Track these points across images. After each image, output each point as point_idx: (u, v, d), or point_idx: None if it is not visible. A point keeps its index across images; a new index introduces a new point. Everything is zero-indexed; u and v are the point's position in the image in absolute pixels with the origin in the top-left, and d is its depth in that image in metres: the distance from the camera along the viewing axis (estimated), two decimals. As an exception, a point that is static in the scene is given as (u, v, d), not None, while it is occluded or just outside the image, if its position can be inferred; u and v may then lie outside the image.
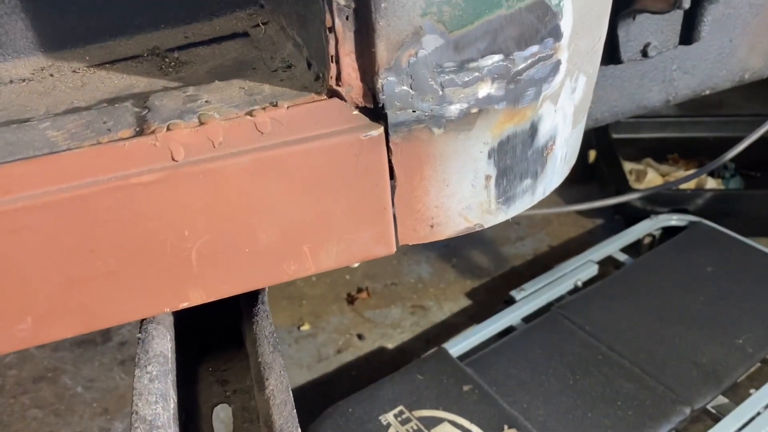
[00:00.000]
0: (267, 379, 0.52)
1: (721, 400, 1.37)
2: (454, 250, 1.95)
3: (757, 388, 1.37)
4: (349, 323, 1.79)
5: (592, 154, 2.05)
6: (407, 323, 1.77)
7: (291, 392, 0.51)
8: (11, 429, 1.53)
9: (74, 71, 0.56)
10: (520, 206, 0.57)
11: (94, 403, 1.59)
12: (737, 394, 1.39)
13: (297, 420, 0.50)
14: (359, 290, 1.87)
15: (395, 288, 1.88)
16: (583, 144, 2.14)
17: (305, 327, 1.77)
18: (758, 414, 1.32)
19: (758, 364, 1.44)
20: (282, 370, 0.53)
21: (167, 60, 0.56)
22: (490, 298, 1.79)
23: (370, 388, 1.39)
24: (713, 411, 1.35)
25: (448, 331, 1.71)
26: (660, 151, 2.07)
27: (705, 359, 1.41)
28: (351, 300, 1.84)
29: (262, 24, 0.58)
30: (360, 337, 1.74)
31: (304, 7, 0.48)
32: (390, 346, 1.72)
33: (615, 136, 2.01)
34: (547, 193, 0.59)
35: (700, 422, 1.37)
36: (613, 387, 1.37)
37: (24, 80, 0.55)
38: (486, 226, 0.57)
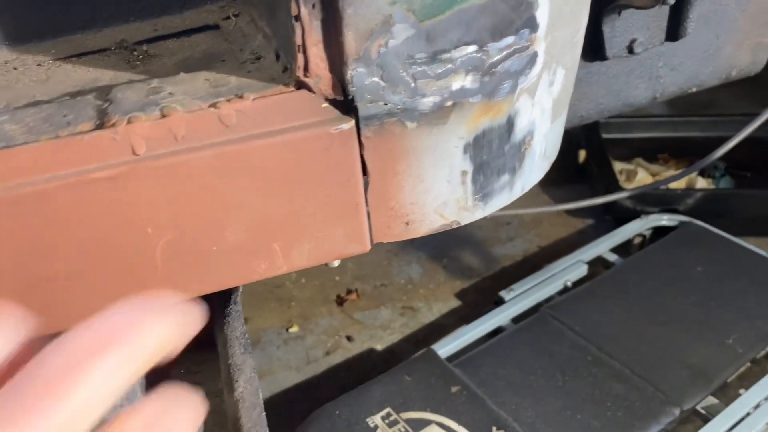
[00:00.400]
0: (236, 381, 0.51)
1: (711, 400, 1.36)
2: (445, 251, 1.94)
3: (747, 388, 1.36)
4: (338, 325, 1.77)
5: (582, 154, 2.04)
6: (397, 324, 1.76)
7: (261, 395, 0.50)
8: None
9: (39, 65, 0.54)
10: (498, 203, 0.56)
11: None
12: (727, 395, 1.38)
13: (266, 423, 0.48)
14: (349, 291, 1.85)
15: (385, 289, 1.86)
16: (573, 144, 2.14)
17: (294, 329, 1.76)
18: (748, 414, 1.31)
19: (748, 364, 1.43)
20: (252, 373, 0.51)
21: (135, 53, 0.54)
22: (480, 299, 1.78)
23: (357, 390, 1.38)
24: (703, 411, 1.34)
25: (438, 332, 1.70)
26: (650, 151, 2.06)
27: (695, 359, 1.40)
28: (340, 301, 1.83)
29: (233, 16, 0.56)
30: (349, 338, 1.72)
31: (271, -3, 0.47)
32: (379, 347, 1.70)
33: (605, 136, 2.00)
34: (526, 189, 0.58)
35: (690, 423, 1.35)
36: (603, 388, 1.36)
37: (-14, 74, 0.54)
38: (463, 223, 0.55)
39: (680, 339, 1.45)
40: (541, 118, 0.54)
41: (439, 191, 0.52)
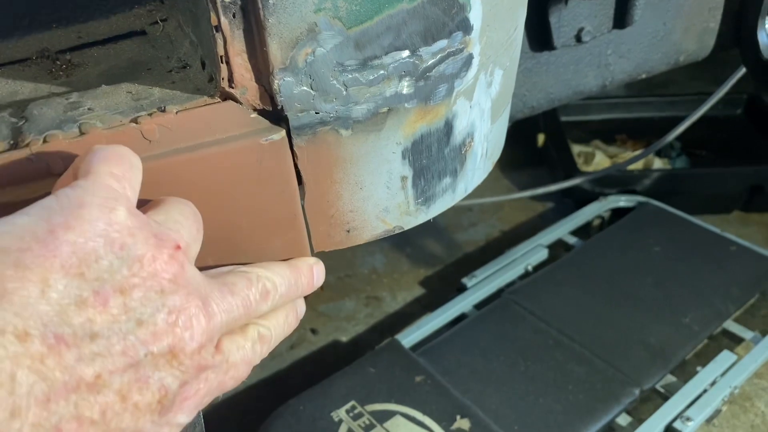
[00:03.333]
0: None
1: (669, 379, 1.38)
2: (408, 239, 1.94)
3: (704, 365, 1.39)
4: (302, 318, 1.76)
5: (541, 138, 2.05)
6: (361, 315, 1.75)
7: (200, 413, 0.49)
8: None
9: (-45, 77, 0.52)
10: (441, 205, 0.55)
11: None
12: (685, 373, 1.41)
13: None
14: (312, 284, 1.84)
15: (349, 280, 1.86)
16: (532, 128, 2.14)
17: (257, 323, 1.74)
18: (705, 391, 1.34)
19: (705, 341, 1.47)
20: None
21: (58, 62, 0.52)
22: (444, 286, 1.79)
23: (321, 385, 1.37)
24: (662, 390, 1.37)
25: (403, 321, 1.70)
26: (608, 132, 2.08)
27: (653, 339, 1.42)
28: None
29: (161, 21, 0.54)
30: (314, 331, 1.72)
31: (193, 4, 0.45)
32: (344, 339, 1.70)
33: (564, 118, 2.02)
34: (470, 190, 0.57)
35: (650, 401, 1.38)
36: (564, 371, 1.38)
37: None
38: (406, 228, 0.55)
39: (639, 319, 1.47)
40: (480, 120, 0.53)
41: (380, 197, 0.51)
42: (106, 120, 0.43)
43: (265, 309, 0.45)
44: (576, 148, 1.98)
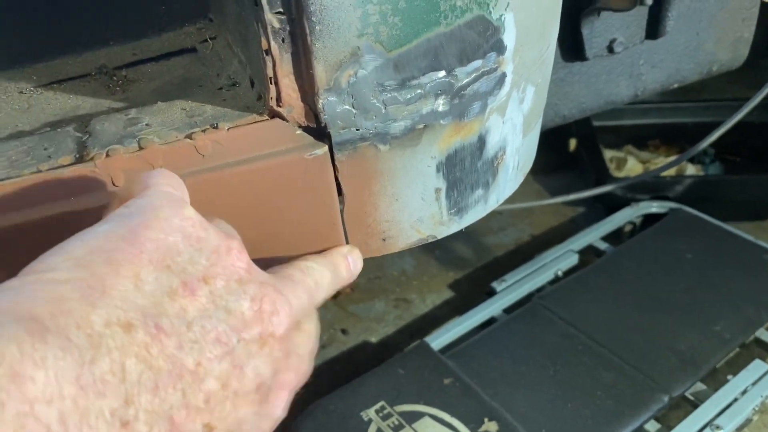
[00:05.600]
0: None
1: (700, 386, 1.38)
2: (437, 242, 1.95)
3: (735, 374, 1.38)
4: (332, 318, 1.79)
5: (573, 143, 2.05)
6: (391, 317, 1.78)
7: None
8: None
9: (21, 92, 0.56)
10: (473, 216, 0.57)
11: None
12: (715, 381, 1.40)
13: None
14: (343, 285, 1.87)
15: (379, 282, 1.88)
16: (564, 132, 2.14)
17: (289, 323, 1.78)
18: (735, 400, 1.33)
19: (737, 350, 1.46)
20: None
21: (115, 78, 0.56)
22: (473, 290, 1.80)
23: (351, 384, 1.40)
24: (691, 398, 1.36)
25: (432, 324, 1.72)
26: (641, 138, 2.07)
27: (683, 346, 1.42)
28: (334, 295, 1.85)
29: (210, 39, 0.57)
30: (344, 331, 1.75)
31: (244, 28, 0.48)
32: (374, 340, 1.73)
33: (596, 123, 2.01)
34: (501, 201, 0.59)
35: (680, 409, 1.38)
36: (593, 377, 1.38)
37: (-30, 102, 0.55)
38: (439, 237, 0.57)
39: (669, 326, 1.47)
40: (512, 134, 0.56)
41: (414, 208, 0.54)
42: (162, 135, 0.46)
43: (321, 298, 0.47)
44: (608, 153, 1.98)
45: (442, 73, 0.48)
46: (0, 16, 0.59)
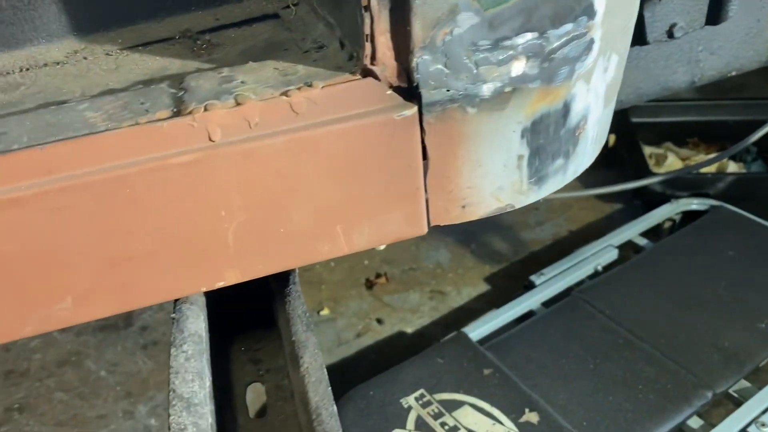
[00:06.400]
0: (301, 357, 0.53)
1: (743, 384, 1.36)
2: (473, 236, 1.95)
3: (780, 372, 1.36)
4: (368, 308, 1.80)
5: (612, 139, 2.03)
6: (426, 308, 1.78)
7: (325, 371, 0.52)
8: (38, 411, 1.55)
9: (107, 54, 0.57)
10: (552, 186, 0.57)
11: (118, 387, 1.62)
12: (759, 379, 1.38)
13: (332, 397, 0.50)
14: (378, 275, 1.88)
15: (414, 273, 1.88)
16: (603, 128, 2.09)
17: (325, 312, 1.78)
18: (781, 398, 1.31)
19: (781, 349, 1.43)
20: (315, 349, 0.54)
21: (199, 42, 0.56)
22: (509, 283, 1.79)
23: (390, 372, 1.40)
24: (735, 395, 1.35)
25: (467, 316, 1.72)
26: (680, 135, 2.05)
27: (727, 343, 1.40)
28: (370, 285, 1.85)
29: (293, 5, 0.58)
30: (379, 321, 1.75)
31: (338, -13, 0.48)
32: (409, 330, 1.73)
33: (634, 120, 1.99)
34: (578, 173, 0.59)
35: (722, 406, 1.36)
36: (634, 371, 1.37)
37: (58, 63, 0.56)
38: (517, 207, 0.57)
39: (712, 323, 1.45)
40: (595, 103, 0.55)
41: (496, 175, 0.54)
42: (258, 92, 0.46)
43: None
44: (647, 150, 1.96)
45: (535, 35, 0.48)
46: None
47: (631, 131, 1.94)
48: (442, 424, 1.28)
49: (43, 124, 0.46)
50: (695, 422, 1.32)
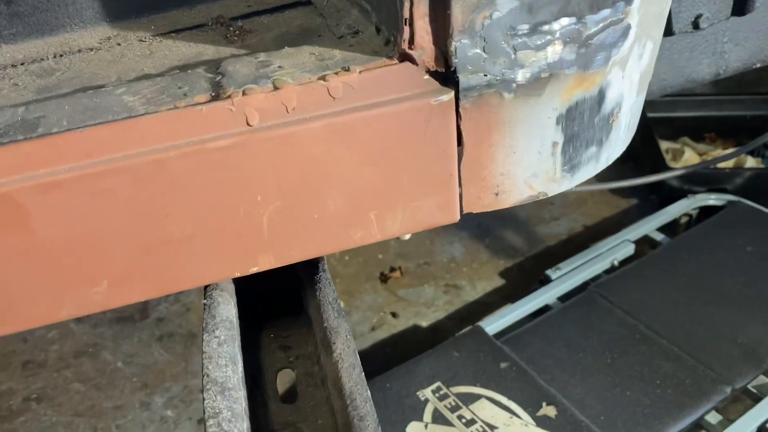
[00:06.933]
0: (334, 343, 0.53)
1: (763, 380, 1.35)
2: (487, 230, 1.95)
3: (799, 368, 1.35)
4: (382, 301, 1.80)
5: (628, 133, 2.02)
6: (440, 302, 1.78)
7: (358, 356, 0.52)
8: (56, 401, 1.57)
9: (141, 40, 0.57)
10: (585, 174, 0.57)
11: (134, 378, 1.63)
12: (778, 375, 1.37)
13: (366, 383, 0.50)
14: (392, 269, 1.88)
15: (428, 267, 1.88)
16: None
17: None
18: (800, 394, 1.30)
19: (800, 345, 1.42)
20: (348, 335, 0.54)
21: (232, 29, 0.56)
22: (524, 278, 1.79)
23: (407, 364, 1.40)
24: (754, 391, 1.34)
25: (482, 311, 1.72)
26: (697, 130, 2.04)
27: (746, 339, 1.39)
28: (384, 279, 1.85)
29: (325, -8, 0.58)
30: (394, 315, 1.75)
31: (375, -28, 0.48)
32: (424, 324, 1.73)
33: (651, 114, 1.98)
34: (611, 161, 0.59)
35: (740, 402, 1.36)
36: (652, 366, 1.37)
37: (92, 49, 0.56)
38: (550, 195, 0.57)
39: (730, 318, 1.44)
40: (629, 91, 0.55)
41: (530, 162, 0.53)
42: (296, 77, 0.46)
43: None
44: (664, 145, 1.95)
45: (573, 20, 0.47)
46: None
47: (647, 126, 1.93)
48: (459, 417, 1.28)
49: (81, 108, 0.46)
50: (714, 417, 1.32)
